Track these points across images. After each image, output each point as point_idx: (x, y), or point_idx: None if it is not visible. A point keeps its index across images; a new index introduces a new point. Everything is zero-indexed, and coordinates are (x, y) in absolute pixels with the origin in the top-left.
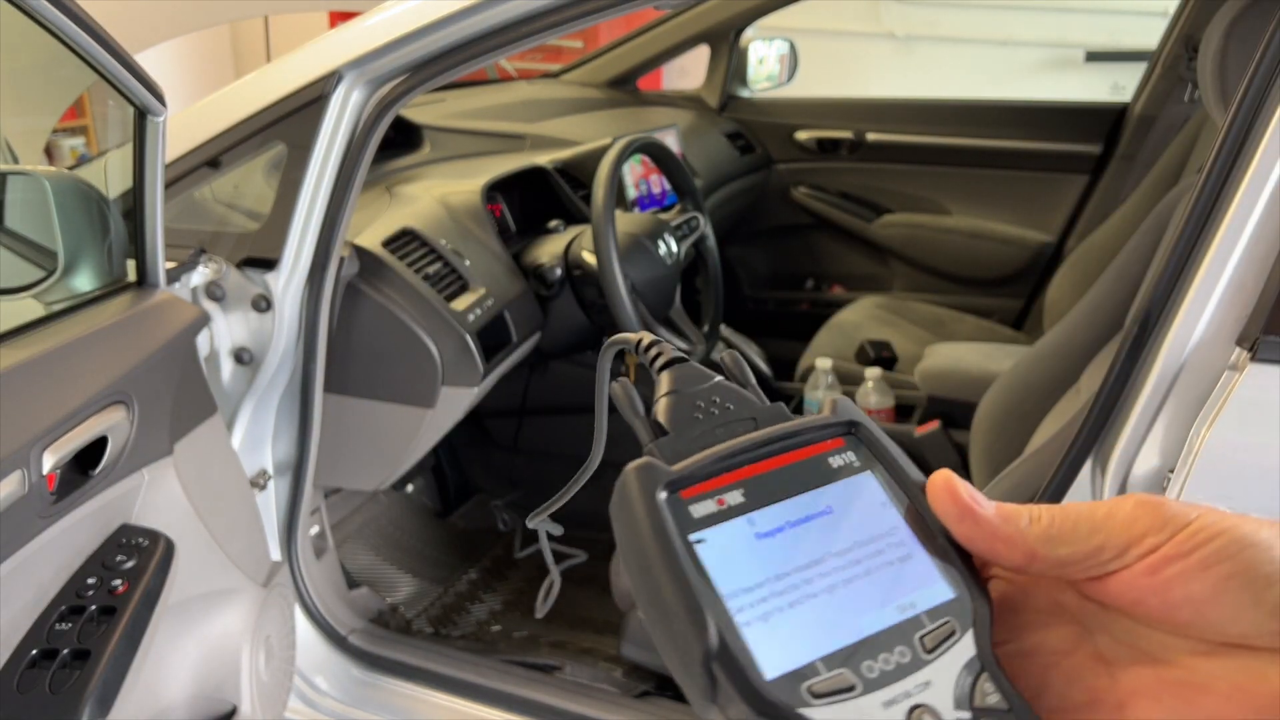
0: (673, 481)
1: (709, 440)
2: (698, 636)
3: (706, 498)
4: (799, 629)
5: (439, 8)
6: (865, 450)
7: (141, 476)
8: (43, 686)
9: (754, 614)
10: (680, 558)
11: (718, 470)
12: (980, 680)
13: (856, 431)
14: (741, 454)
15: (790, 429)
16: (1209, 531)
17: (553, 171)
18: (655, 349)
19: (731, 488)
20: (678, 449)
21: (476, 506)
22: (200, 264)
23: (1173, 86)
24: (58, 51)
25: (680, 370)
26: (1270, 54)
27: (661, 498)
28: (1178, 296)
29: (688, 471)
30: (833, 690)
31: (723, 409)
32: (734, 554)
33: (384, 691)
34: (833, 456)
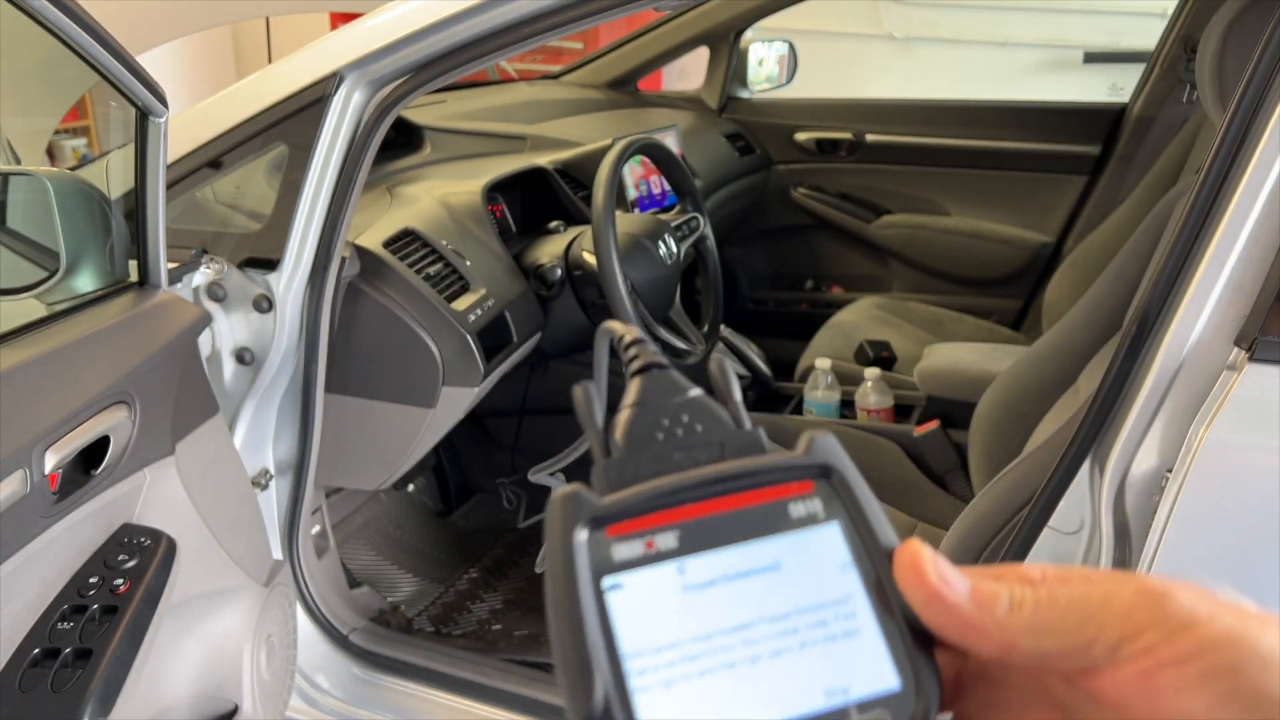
0: (599, 517)
1: (661, 466)
2: (581, 698)
3: (634, 538)
4: (703, 703)
5: (440, 9)
6: (836, 500)
7: (143, 476)
8: (45, 685)
9: (655, 679)
10: (583, 605)
11: (655, 506)
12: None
13: (830, 477)
14: (689, 489)
15: (754, 466)
16: (1214, 640)
17: (553, 172)
18: (634, 350)
19: (666, 529)
20: (624, 473)
21: (477, 506)
22: (202, 264)
23: (1171, 87)
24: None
25: (653, 379)
26: (1268, 55)
27: (580, 536)
28: (1176, 297)
29: (619, 506)
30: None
31: (689, 430)
32: (652, 606)
33: (385, 690)
34: (795, 503)
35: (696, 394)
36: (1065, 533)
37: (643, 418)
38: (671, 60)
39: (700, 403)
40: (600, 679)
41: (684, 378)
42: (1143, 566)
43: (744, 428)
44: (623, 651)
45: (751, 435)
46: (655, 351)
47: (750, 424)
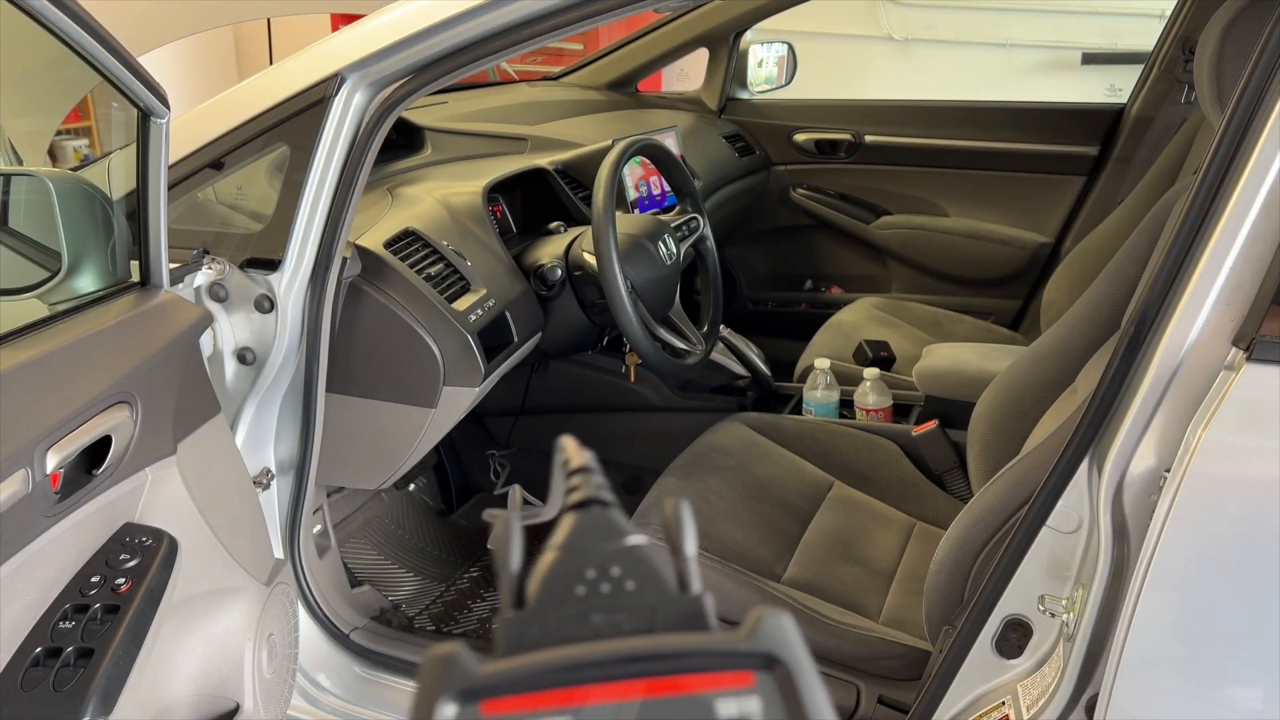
0: (472, 689)
1: (572, 629)
2: None
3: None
4: None
5: (441, 11)
6: (779, 699)
7: (145, 476)
8: (46, 684)
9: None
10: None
11: (548, 683)
12: None
13: (775, 669)
14: (594, 666)
15: (682, 645)
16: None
17: (553, 173)
18: (576, 479)
19: (555, 714)
20: (525, 633)
21: (478, 505)
22: (203, 264)
23: (1169, 88)
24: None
25: (588, 518)
26: (1266, 55)
27: (446, 710)
28: (1174, 297)
29: (502, 677)
30: None
31: (617, 587)
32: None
33: (386, 689)
34: (727, 698)
35: (635, 542)
36: (1063, 532)
37: (564, 566)
38: (671, 61)
39: (638, 555)
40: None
41: (626, 522)
42: (1141, 566)
43: (687, 591)
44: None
45: (692, 603)
46: (601, 485)
47: (698, 587)
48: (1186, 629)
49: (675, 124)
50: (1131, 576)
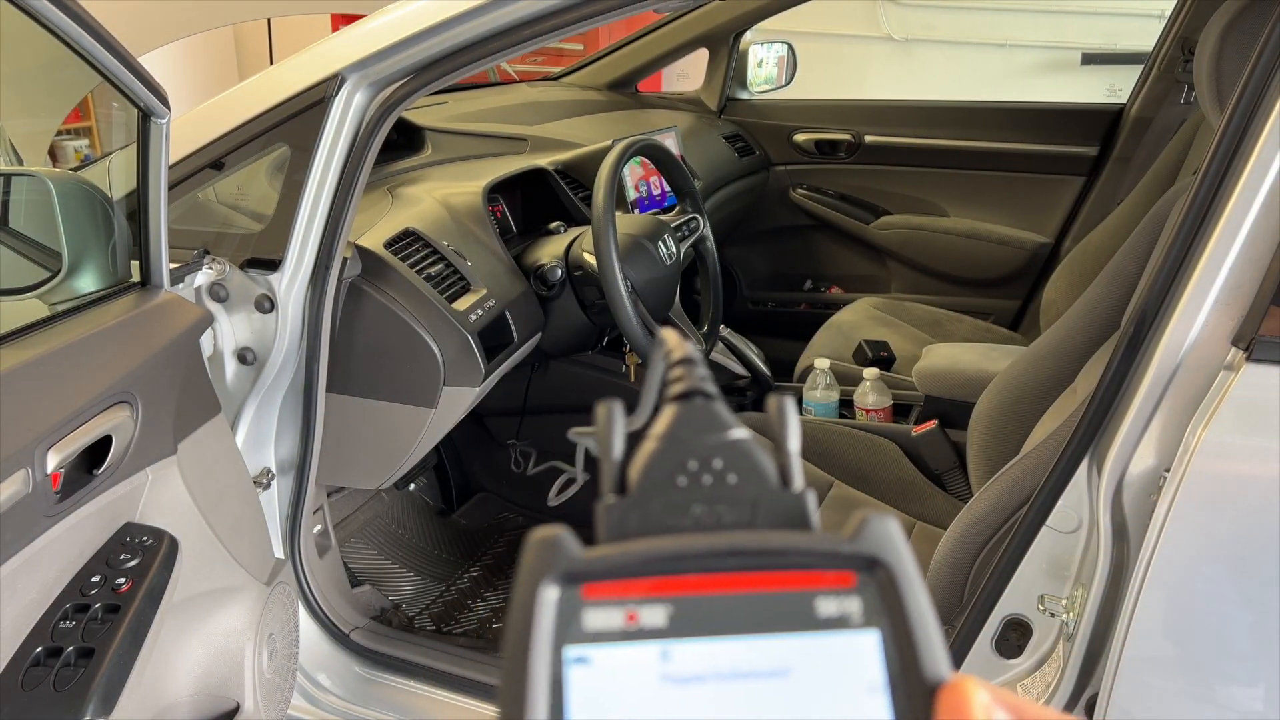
0: (575, 572)
1: (673, 519)
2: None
3: (614, 605)
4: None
5: (441, 11)
6: (881, 603)
7: (145, 475)
8: (47, 684)
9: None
10: (534, 674)
11: (649, 570)
12: None
13: (879, 573)
14: (695, 557)
15: (784, 543)
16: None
17: (553, 173)
18: (679, 370)
19: (657, 601)
20: (627, 520)
21: (478, 505)
22: (204, 265)
23: (1169, 89)
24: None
25: (689, 409)
26: (1266, 56)
27: (549, 591)
28: (1173, 297)
29: (604, 562)
30: None
31: (719, 480)
32: (619, 693)
33: (386, 688)
34: (827, 598)
35: (740, 436)
36: (1063, 532)
37: (666, 455)
38: (671, 62)
39: (741, 448)
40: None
41: (730, 415)
42: (1140, 566)
43: (790, 488)
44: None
45: (794, 500)
46: (704, 377)
47: (800, 484)
48: (1186, 629)
49: (675, 124)
50: (1131, 576)
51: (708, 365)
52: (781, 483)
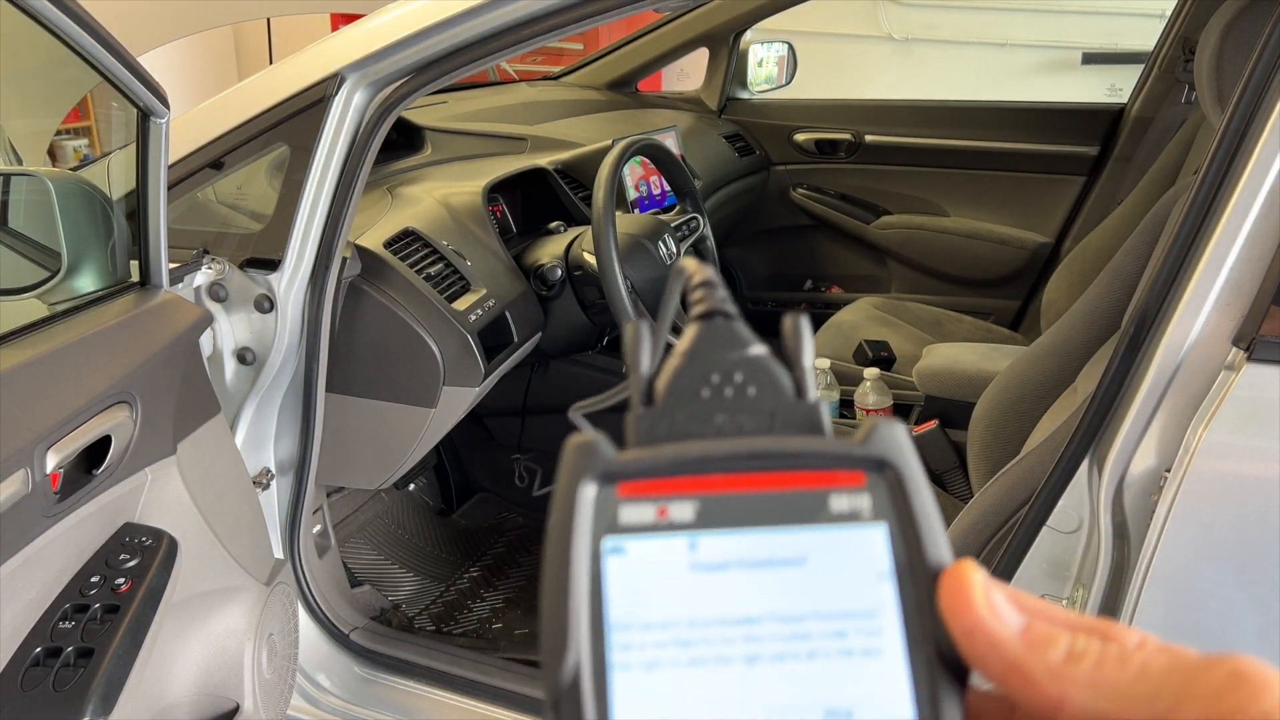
0: (611, 472)
1: (698, 427)
2: (554, 664)
3: (647, 502)
4: (684, 694)
5: (441, 10)
6: (888, 500)
7: (145, 476)
8: (46, 685)
9: (638, 658)
10: (575, 564)
11: (678, 471)
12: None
13: (885, 472)
14: (719, 459)
15: (800, 446)
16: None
17: (553, 173)
18: (700, 292)
19: (685, 498)
20: (656, 427)
21: (478, 505)
22: (203, 264)
23: (1169, 88)
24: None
25: (713, 328)
26: (1266, 56)
27: (587, 489)
28: (1174, 297)
29: (637, 464)
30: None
31: (739, 391)
32: (652, 579)
33: (386, 689)
34: (839, 495)
35: (758, 352)
36: (1064, 532)
37: (690, 369)
38: (671, 61)
39: (759, 362)
40: (575, 650)
41: (749, 332)
42: (1141, 566)
43: (804, 398)
44: (609, 621)
45: (809, 409)
46: (725, 298)
47: (814, 396)
48: (1187, 629)
49: (675, 124)
50: (1131, 576)
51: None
52: (796, 394)
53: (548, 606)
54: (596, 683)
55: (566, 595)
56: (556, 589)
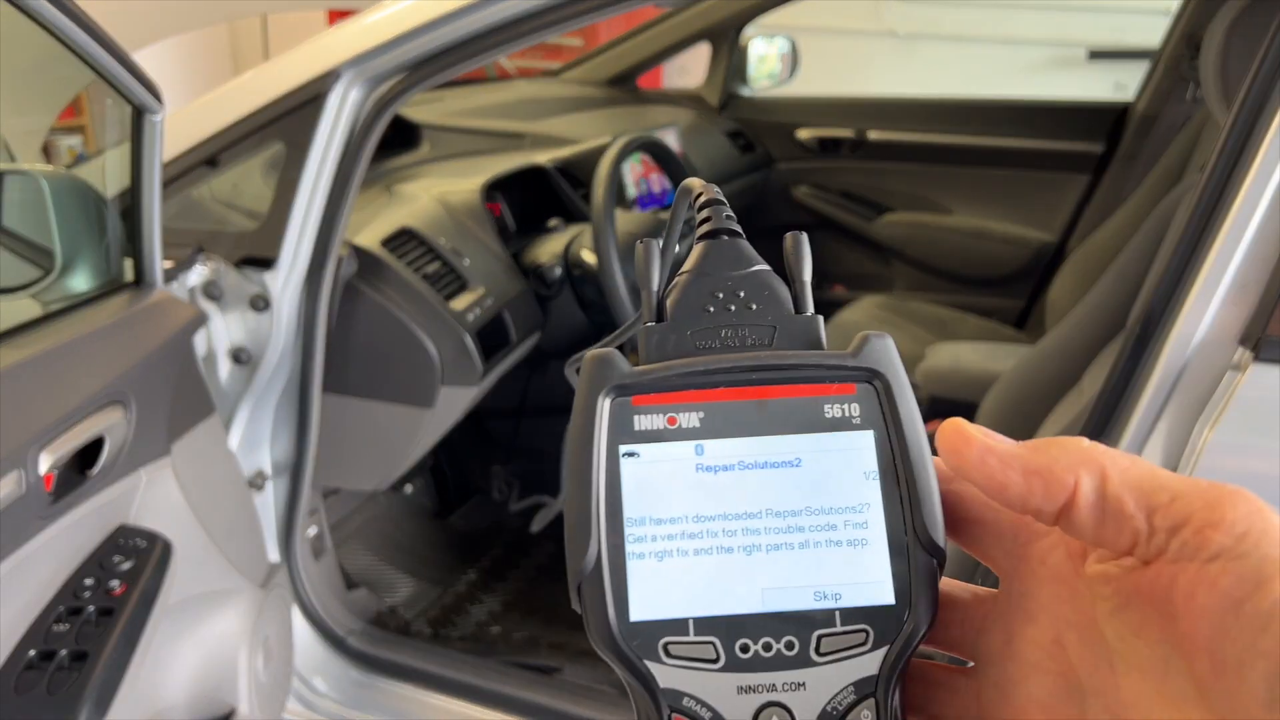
0: (625, 385)
1: (704, 341)
2: (578, 554)
3: (658, 411)
4: (690, 579)
5: (437, 6)
6: (877, 407)
7: (139, 477)
8: (40, 688)
9: (651, 548)
10: (595, 467)
11: (685, 384)
12: (862, 705)
13: (874, 382)
14: (723, 373)
15: (797, 360)
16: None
17: (552, 170)
18: (706, 211)
19: (692, 407)
20: (665, 342)
21: (476, 507)
22: (198, 263)
23: (1175, 85)
24: (55, 50)
25: (718, 246)
26: (1273, 52)
27: (605, 400)
28: (1180, 296)
29: (649, 377)
30: (689, 656)
31: (743, 307)
32: (662, 480)
33: (383, 693)
34: (833, 403)
35: (760, 269)
36: None
37: (697, 287)
38: (671, 57)
39: (761, 279)
40: (597, 540)
41: (753, 251)
42: None
43: (803, 312)
44: (626, 516)
45: (807, 323)
46: (730, 217)
47: (811, 309)
48: None
49: (676, 121)
50: None
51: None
52: (796, 309)
53: (571, 504)
54: (615, 569)
55: (589, 494)
56: (579, 489)
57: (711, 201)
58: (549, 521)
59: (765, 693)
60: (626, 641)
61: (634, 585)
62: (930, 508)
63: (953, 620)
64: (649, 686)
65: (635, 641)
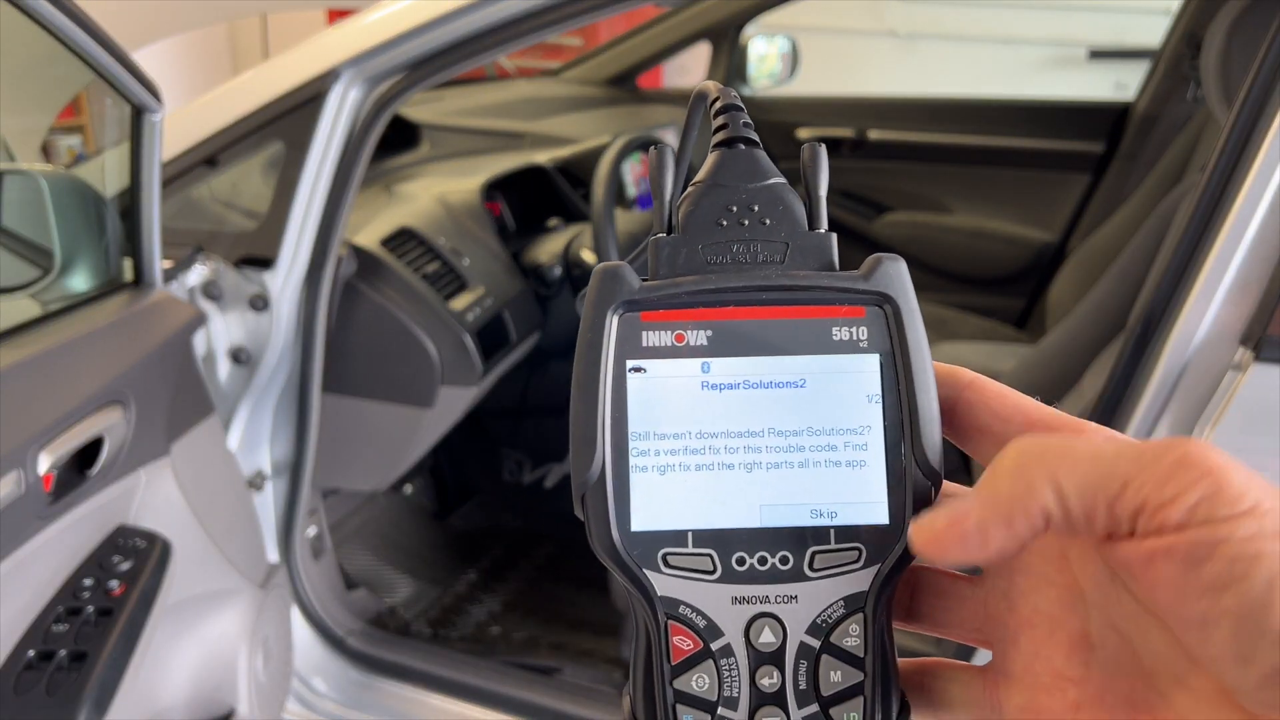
0: (634, 301)
1: (716, 256)
2: (582, 465)
3: (666, 328)
4: (691, 493)
5: (437, 6)
6: (884, 332)
7: (138, 477)
8: (39, 688)
9: (654, 461)
10: (601, 380)
11: (694, 302)
12: (850, 619)
13: (884, 306)
14: (733, 291)
15: (808, 280)
16: (1248, 564)
17: (552, 170)
18: (722, 118)
19: (700, 325)
20: (676, 255)
21: (476, 507)
22: (197, 263)
23: (1176, 85)
24: (55, 50)
25: (734, 156)
26: (1273, 52)
27: (613, 315)
28: (1181, 296)
29: (658, 294)
30: (687, 567)
31: (756, 222)
32: (668, 395)
33: (382, 694)
34: (841, 326)
35: (775, 182)
36: None
37: (710, 198)
38: (672, 56)
39: (776, 192)
40: (602, 451)
41: (768, 162)
42: None
43: (817, 228)
44: (630, 430)
45: (820, 240)
46: (748, 124)
47: (825, 226)
48: None
49: (676, 121)
50: None
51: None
52: (810, 224)
53: (577, 416)
54: (618, 480)
55: (594, 407)
56: (585, 401)
57: (729, 107)
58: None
59: (758, 604)
60: (627, 550)
61: (636, 496)
62: (930, 433)
63: None
64: (647, 594)
65: (635, 551)
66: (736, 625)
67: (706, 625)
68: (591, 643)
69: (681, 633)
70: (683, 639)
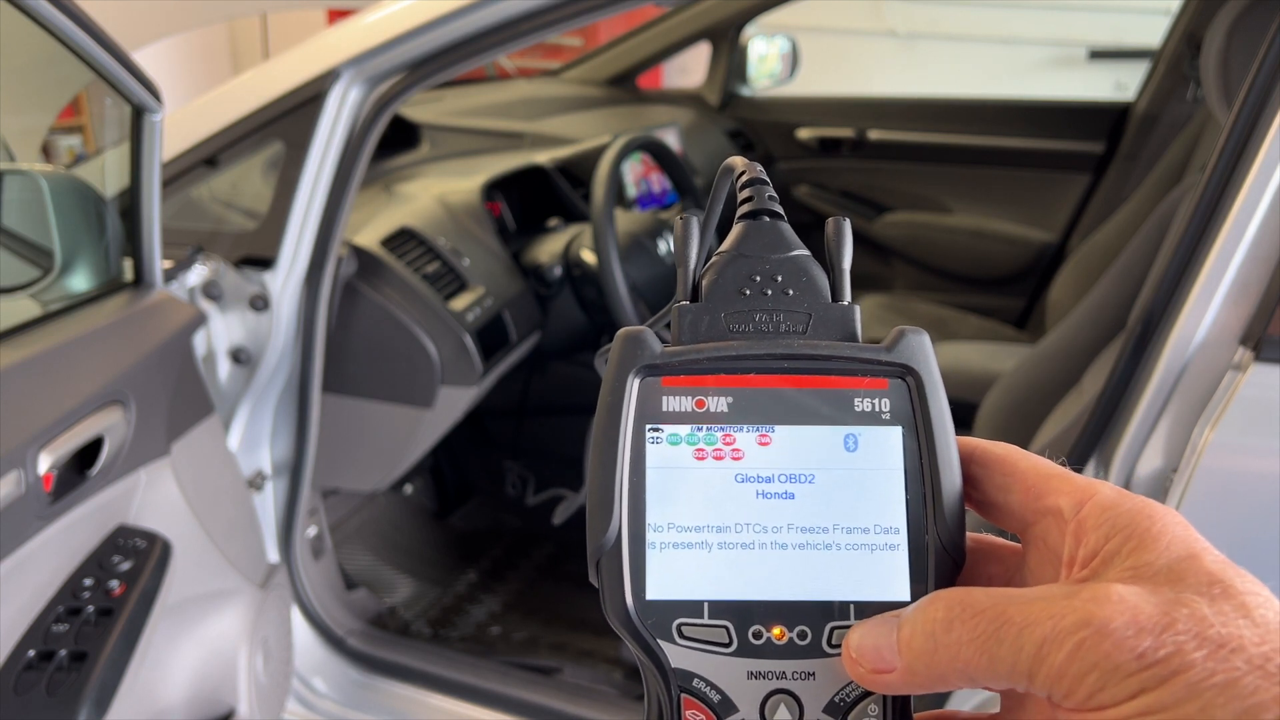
0: (655, 366)
1: (738, 323)
2: (598, 529)
3: (686, 393)
4: (708, 563)
5: (437, 6)
6: (907, 404)
7: (138, 477)
8: (40, 688)
9: (671, 530)
10: (620, 444)
11: (716, 369)
12: (869, 699)
13: (907, 378)
14: (755, 359)
15: (830, 351)
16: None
17: (552, 170)
18: (748, 191)
19: (721, 392)
20: (699, 323)
21: (476, 508)
22: (197, 263)
23: (1176, 85)
24: (55, 50)
25: (758, 228)
26: (1273, 52)
27: (634, 379)
28: (1181, 296)
29: (680, 359)
30: (702, 639)
31: (779, 292)
32: (687, 463)
33: (382, 694)
34: (863, 397)
35: (799, 254)
36: None
37: (734, 268)
38: (672, 56)
39: (799, 264)
40: (618, 515)
41: (793, 235)
42: None
43: (840, 300)
44: (648, 496)
45: (843, 312)
46: (773, 198)
47: (849, 298)
48: None
49: (676, 120)
50: None
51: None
52: (833, 297)
53: (594, 479)
54: (634, 547)
55: (613, 471)
56: (604, 464)
57: (754, 181)
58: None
59: (775, 680)
60: (641, 620)
61: (652, 565)
62: (952, 510)
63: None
64: (660, 666)
65: (650, 620)
66: (752, 702)
67: (721, 700)
68: (591, 643)
69: (695, 707)
70: (696, 714)
